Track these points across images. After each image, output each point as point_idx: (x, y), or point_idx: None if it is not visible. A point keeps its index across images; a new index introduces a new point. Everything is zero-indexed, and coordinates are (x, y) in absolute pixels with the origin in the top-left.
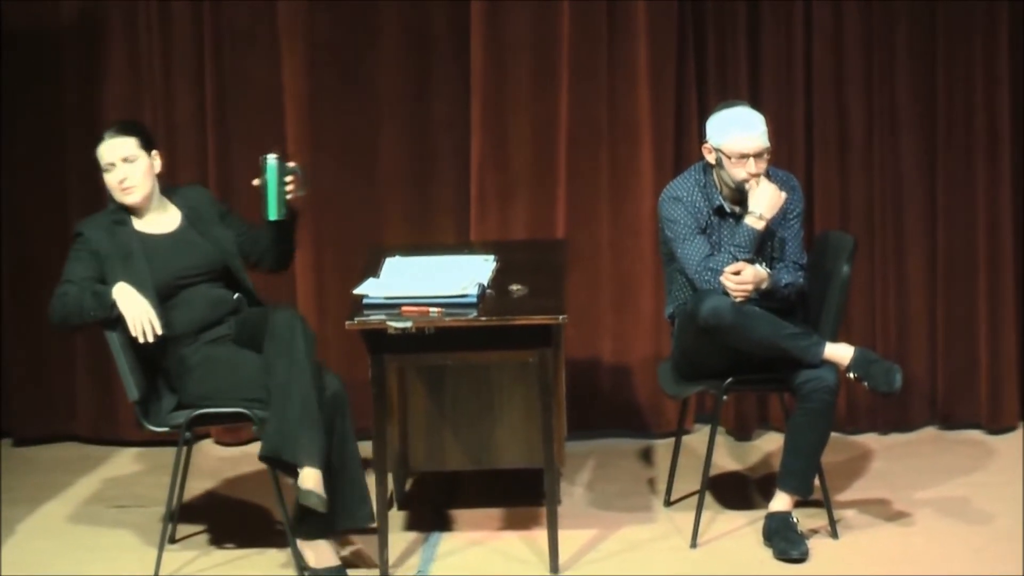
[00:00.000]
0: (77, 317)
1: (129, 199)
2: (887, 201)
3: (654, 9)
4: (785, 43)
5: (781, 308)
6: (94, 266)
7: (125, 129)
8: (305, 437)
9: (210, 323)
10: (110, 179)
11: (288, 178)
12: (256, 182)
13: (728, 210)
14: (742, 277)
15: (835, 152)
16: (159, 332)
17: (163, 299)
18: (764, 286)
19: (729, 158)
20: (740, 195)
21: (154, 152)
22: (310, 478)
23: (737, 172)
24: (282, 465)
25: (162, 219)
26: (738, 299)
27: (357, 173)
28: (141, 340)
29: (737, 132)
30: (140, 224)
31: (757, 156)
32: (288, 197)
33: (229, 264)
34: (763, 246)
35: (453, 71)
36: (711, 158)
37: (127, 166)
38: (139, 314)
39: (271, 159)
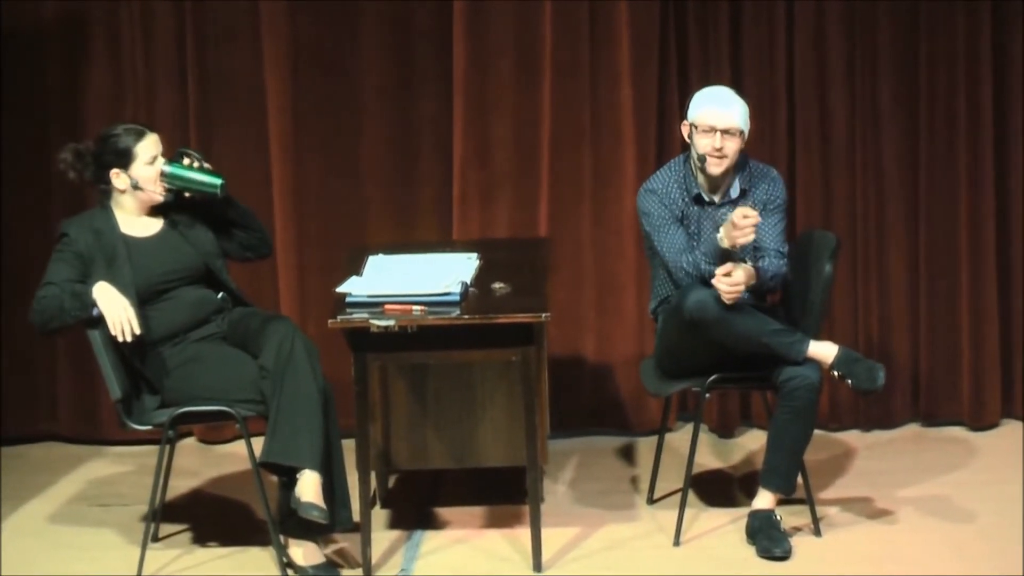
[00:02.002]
0: (58, 319)
1: (161, 192)
2: (869, 199)
3: (636, 9)
4: (767, 42)
5: (764, 307)
6: (78, 267)
7: (150, 127)
8: (305, 440)
9: (195, 323)
10: (151, 171)
11: (186, 161)
12: (187, 194)
13: (707, 199)
14: (734, 279)
15: (817, 151)
16: (137, 332)
17: (145, 302)
18: (752, 282)
19: (697, 129)
20: (713, 182)
21: None
22: (309, 488)
23: (702, 143)
24: (281, 469)
25: (147, 221)
26: (728, 301)
27: (339, 172)
28: (120, 339)
29: (710, 105)
30: (125, 226)
31: (724, 132)
32: (207, 168)
33: (210, 265)
34: None
35: (436, 70)
36: (685, 133)
37: (162, 159)
38: (119, 313)
39: (165, 167)
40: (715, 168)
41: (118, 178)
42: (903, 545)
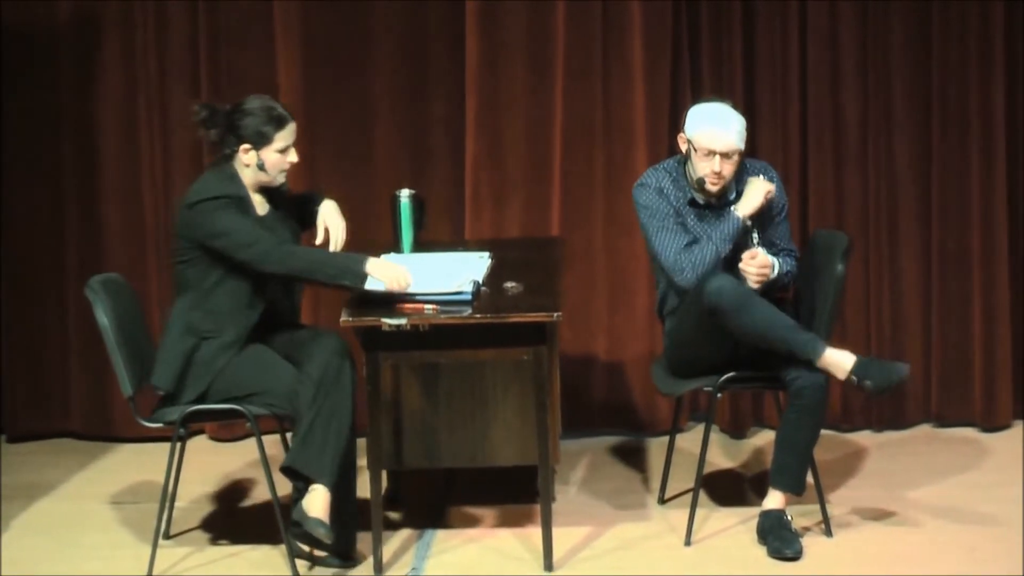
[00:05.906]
0: (322, 275)
1: (284, 178)
2: (882, 200)
3: (649, 9)
4: (780, 42)
5: (776, 302)
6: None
7: (291, 114)
8: (330, 458)
9: (259, 319)
10: (284, 159)
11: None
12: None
13: (702, 202)
14: (761, 260)
15: (830, 151)
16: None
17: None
18: (772, 274)
19: (696, 151)
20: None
21: None
22: (319, 504)
23: (701, 166)
24: (296, 477)
25: (259, 199)
26: (756, 285)
27: (352, 171)
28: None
29: (711, 127)
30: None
31: (724, 156)
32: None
33: None
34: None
35: (448, 70)
36: (683, 146)
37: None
38: (397, 274)
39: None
40: (713, 188)
41: (247, 154)
42: (914, 546)
